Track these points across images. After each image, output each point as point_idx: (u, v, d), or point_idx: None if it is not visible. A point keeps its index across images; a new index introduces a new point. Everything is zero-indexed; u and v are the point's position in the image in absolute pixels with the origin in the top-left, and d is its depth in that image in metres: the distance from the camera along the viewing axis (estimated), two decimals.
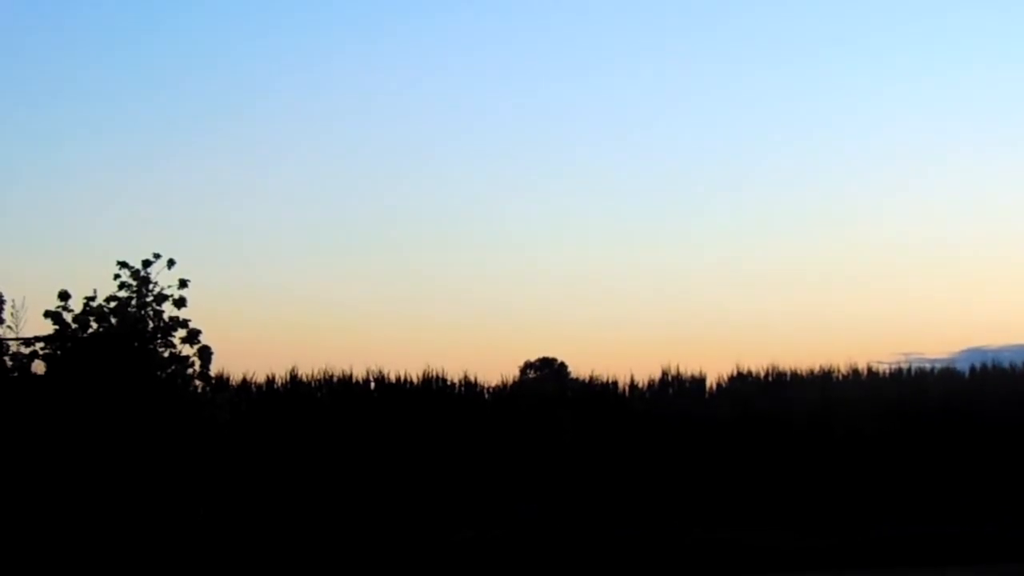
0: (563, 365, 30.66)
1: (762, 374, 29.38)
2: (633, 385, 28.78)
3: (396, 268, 45.04)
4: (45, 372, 19.66)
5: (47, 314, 19.45)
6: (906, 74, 49.07)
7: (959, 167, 48.49)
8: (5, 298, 19.80)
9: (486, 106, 48.78)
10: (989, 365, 29.90)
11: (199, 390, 20.22)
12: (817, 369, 29.60)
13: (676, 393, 28.78)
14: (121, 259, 19.69)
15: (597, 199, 47.76)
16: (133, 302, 19.62)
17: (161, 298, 19.69)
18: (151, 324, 19.64)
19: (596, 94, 49.01)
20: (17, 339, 19.61)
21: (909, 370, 30.29)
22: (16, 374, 19.53)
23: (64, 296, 19.56)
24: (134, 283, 19.65)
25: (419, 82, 48.62)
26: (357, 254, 46.01)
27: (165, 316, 19.74)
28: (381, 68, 48.30)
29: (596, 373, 28.85)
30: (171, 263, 19.70)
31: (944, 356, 34.93)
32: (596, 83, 48.88)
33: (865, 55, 49.52)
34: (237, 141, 47.24)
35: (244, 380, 26.59)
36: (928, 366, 30.75)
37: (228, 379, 25.47)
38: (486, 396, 28.03)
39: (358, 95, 48.11)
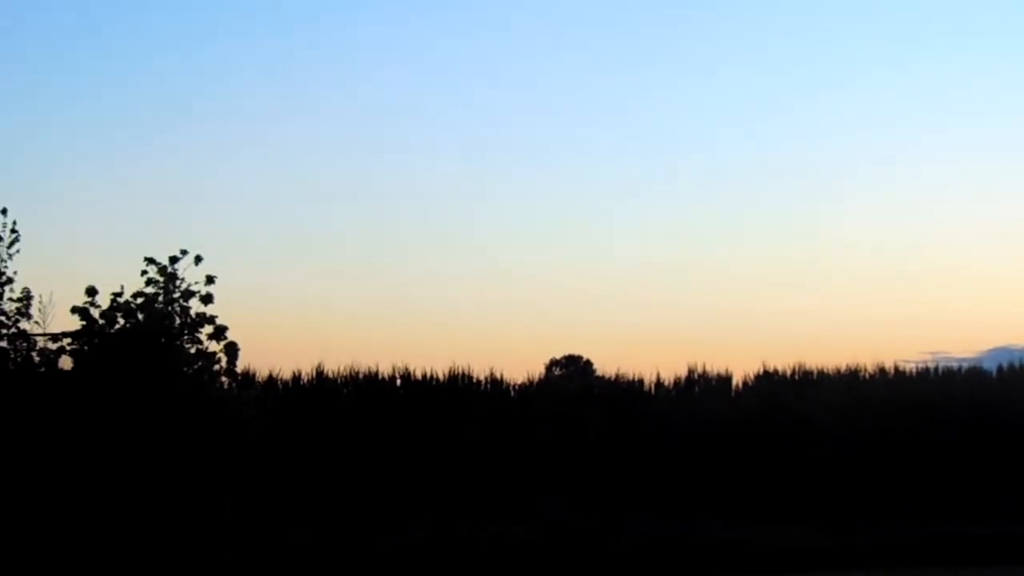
0: (589, 363, 30.64)
1: (789, 373, 29.32)
2: (659, 383, 28.76)
3: (423, 266, 45.06)
4: (72, 368, 19.72)
5: (74, 310, 19.50)
6: (934, 61, 48.92)
7: (986, 164, 48.31)
8: (32, 294, 19.89)
9: (507, 103, 48.79)
10: (1017, 364, 29.80)
11: (225, 387, 20.26)
12: (844, 368, 29.55)
13: (702, 391, 28.74)
14: (148, 255, 19.76)
15: (624, 198, 47.72)
16: (160, 298, 19.66)
17: (188, 294, 19.73)
18: (178, 320, 19.69)
19: (619, 92, 49.00)
20: (44, 335, 19.68)
21: (936, 369, 30.22)
22: (43, 369, 19.59)
23: (91, 292, 19.62)
24: (161, 279, 19.70)
25: (441, 77, 48.65)
26: (385, 252, 46.06)
27: (192, 312, 19.78)
28: (408, 62, 48.36)
29: (622, 371, 28.87)
30: (198, 259, 19.74)
31: (971, 355, 34.81)
32: (619, 80, 48.88)
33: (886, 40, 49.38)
34: (265, 138, 47.35)
35: (270, 377, 26.66)
36: (955, 365, 30.69)
37: (254, 376, 25.53)
38: (512, 393, 28.03)
39: (385, 91, 48.17)
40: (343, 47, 48.29)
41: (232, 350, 19.86)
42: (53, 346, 19.70)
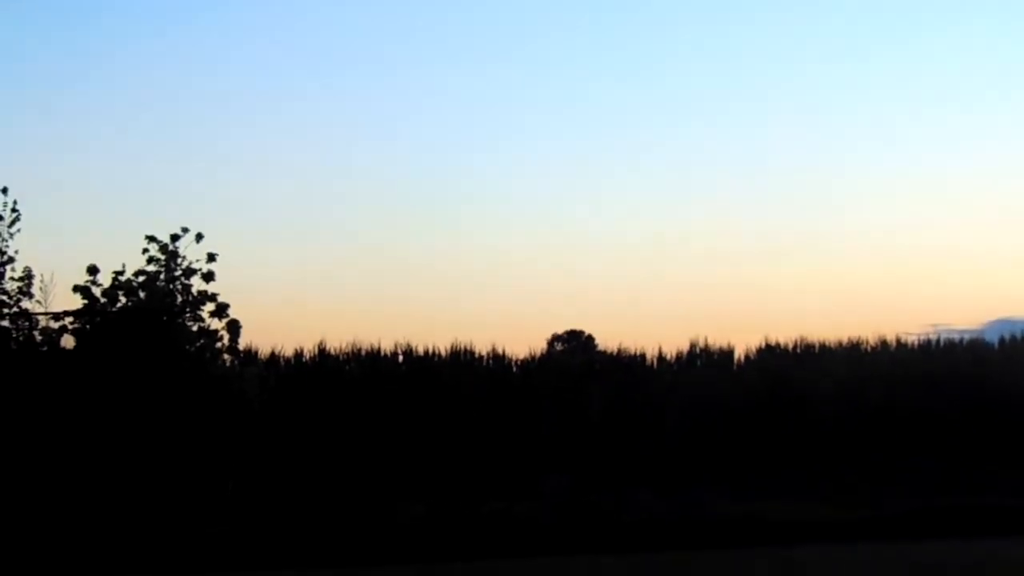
0: (591, 338, 30.61)
1: (791, 346, 29.33)
2: (661, 358, 28.77)
3: (424, 241, 44.99)
4: (74, 346, 19.76)
5: (76, 288, 19.54)
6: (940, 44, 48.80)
7: (988, 135, 48.19)
8: (34, 273, 19.90)
9: (505, 75, 48.68)
10: (1019, 336, 29.81)
11: (228, 364, 20.31)
12: (846, 341, 29.56)
13: (704, 366, 28.75)
14: (150, 233, 19.78)
15: (624, 172, 47.61)
16: (161, 276, 19.71)
17: (189, 272, 19.77)
18: (179, 298, 19.73)
19: (616, 64, 48.88)
20: (46, 314, 19.72)
21: (938, 341, 30.22)
22: (45, 348, 19.63)
23: (93, 271, 19.65)
24: (162, 257, 19.74)
25: (437, 51, 48.54)
26: (386, 228, 45.97)
27: (193, 290, 19.83)
28: (400, 40, 48.28)
29: (624, 346, 28.88)
30: (199, 237, 19.76)
31: (973, 327, 34.79)
32: (619, 53, 48.74)
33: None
34: (266, 116, 47.26)
35: (272, 354, 26.68)
36: (957, 337, 30.68)
37: (256, 353, 25.55)
38: (514, 369, 28.05)
39: (383, 68, 48.07)
40: (340, 25, 48.17)
41: (234, 328, 19.90)
42: (55, 325, 19.75)
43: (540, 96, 48.67)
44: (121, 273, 19.71)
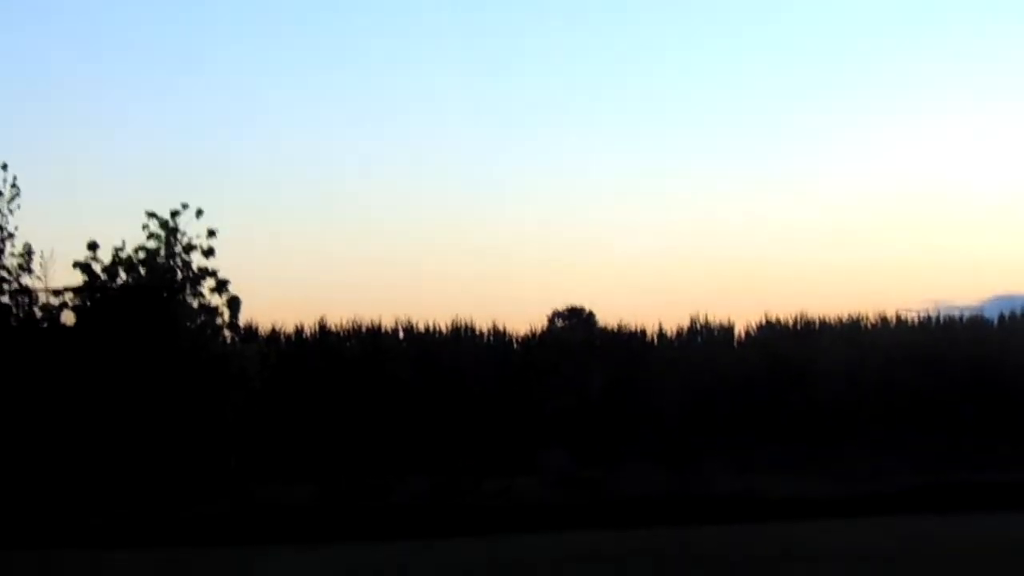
0: (591, 314, 30.63)
1: (790, 323, 29.37)
2: (661, 334, 28.83)
3: (424, 218, 44.97)
4: (75, 323, 19.78)
5: (76, 265, 19.57)
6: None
7: (988, 111, 48.12)
8: (34, 249, 19.92)
9: (507, 50, 48.61)
10: (1018, 313, 29.83)
11: (228, 341, 20.34)
12: (846, 318, 29.60)
13: (704, 342, 28.81)
14: (150, 209, 19.80)
15: (626, 148, 47.54)
16: (162, 252, 19.73)
17: (189, 248, 19.80)
18: (180, 274, 19.75)
19: (621, 44, 48.80)
20: (46, 290, 19.75)
21: (938, 318, 30.25)
22: (46, 324, 19.66)
23: (93, 247, 19.68)
24: (163, 233, 19.76)
25: (439, 27, 48.45)
26: (386, 205, 45.94)
27: (194, 266, 19.86)
28: (404, 12, 48.19)
29: (624, 322, 28.92)
30: (199, 213, 19.79)
31: (973, 304, 34.83)
32: (620, 29, 48.65)
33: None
34: (266, 91, 47.21)
35: (273, 331, 26.72)
36: (957, 314, 30.72)
37: (257, 330, 25.58)
38: (514, 346, 28.11)
39: (384, 41, 48.01)
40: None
41: (234, 304, 19.93)
42: (55, 301, 19.78)
43: (537, 72, 48.58)
44: (121, 249, 19.74)
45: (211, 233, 19.75)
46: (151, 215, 19.75)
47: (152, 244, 19.78)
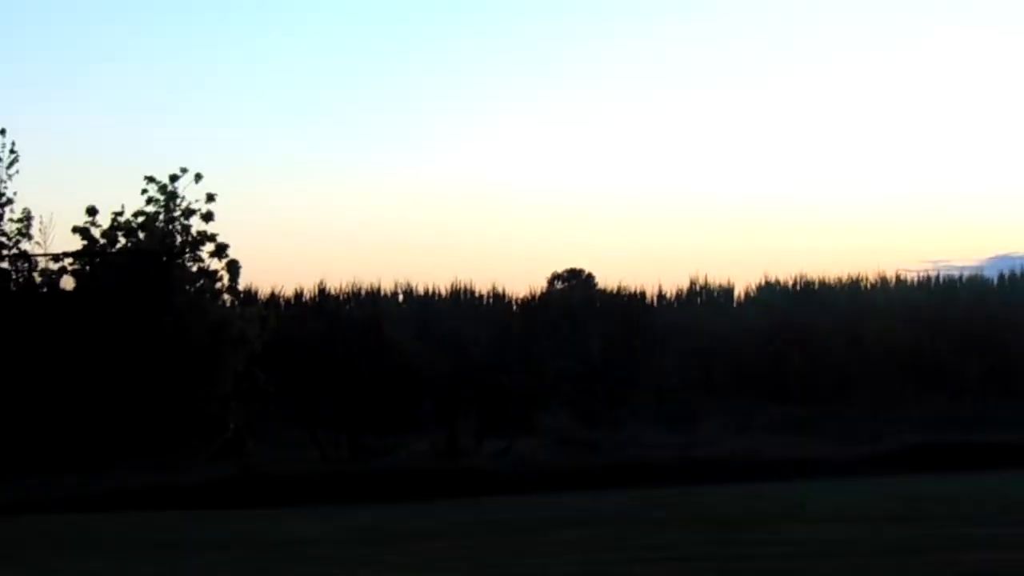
0: (590, 276, 30.64)
1: (790, 283, 29.37)
2: (661, 295, 28.87)
3: (425, 180, 44.93)
4: (74, 288, 19.79)
5: (75, 230, 19.55)
6: None
7: (989, 72, 48.03)
8: (33, 214, 19.91)
9: (511, 18, 48.45)
10: (1018, 272, 29.85)
11: (228, 304, 20.34)
12: (846, 278, 29.61)
13: (704, 303, 28.83)
14: (149, 174, 19.76)
15: (624, 112, 47.47)
16: (161, 217, 19.72)
17: (189, 213, 19.78)
18: (179, 239, 19.75)
19: (629, 11, 48.66)
20: (46, 255, 19.74)
21: (938, 278, 30.29)
22: (45, 290, 19.66)
23: (92, 212, 19.66)
24: (162, 198, 19.74)
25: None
26: (385, 166, 45.89)
27: (193, 231, 19.84)
28: None
29: (624, 284, 28.92)
30: (198, 177, 19.76)
31: (972, 263, 34.82)
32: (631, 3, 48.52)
33: None
34: (265, 55, 47.09)
35: (272, 294, 26.74)
36: (957, 274, 30.74)
37: (256, 293, 25.59)
38: (514, 307, 28.11)
39: (382, 5, 47.88)
40: None
41: (234, 268, 19.93)
42: (54, 266, 19.79)
43: (539, 38, 48.47)
44: (120, 214, 19.73)
45: (210, 197, 19.73)
46: (150, 180, 19.73)
47: (151, 209, 19.77)
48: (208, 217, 19.84)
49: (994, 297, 29.11)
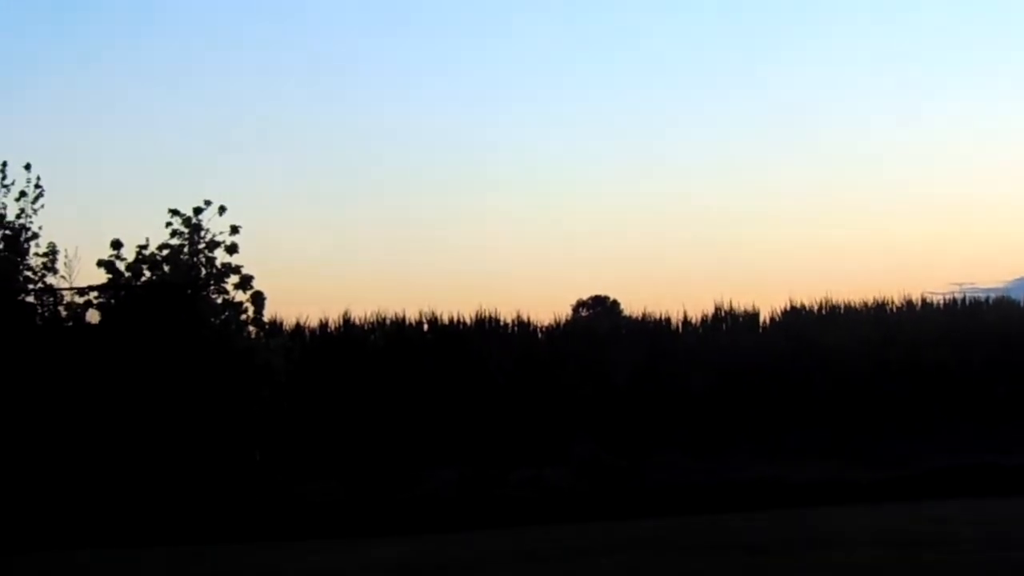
0: (615, 303, 30.66)
1: (816, 308, 29.27)
2: (686, 321, 28.75)
3: (449, 209, 45.07)
4: (99, 321, 19.81)
5: (100, 263, 19.58)
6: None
7: (1011, 91, 47.96)
8: (58, 248, 19.95)
9: (532, 37, 48.57)
10: None
11: (253, 336, 20.33)
12: (871, 302, 29.52)
13: (729, 328, 28.72)
14: (173, 207, 19.79)
15: (649, 135, 47.54)
16: (185, 249, 19.73)
17: (213, 245, 19.78)
18: (203, 271, 19.75)
19: (644, 33, 48.75)
20: (71, 289, 19.77)
21: (963, 300, 30.17)
22: (70, 323, 19.68)
23: (117, 245, 19.68)
24: (186, 230, 19.75)
25: (462, 11, 48.45)
26: (409, 196, 46.05)
27: (217, 263, 19.84)
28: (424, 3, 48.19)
29: (649, 310, 28.85)
30: (222, 210, 19.77)
31: (998, 285, 34.70)
32: (647, 18, 48.60)
33: None
34: (289, 87, 47.29)
35: (298, 325, 26.73)
36: (982, 296, 30.63)
37: (282, 325, 25.55)
38: (539, 336, 28.06)
39: (402, 33, 48.03)
40: None
41: (258, 299, 19.92)
42: (80, 300, 19.80)
43: (562, 60, 48.54)
44: (145, 247, 19.74)
45: (234, 229, 19.74)
46: (174, 212, 19.75)
47: (175, 241, 19.78)
48: (232, 249, 19.84)
49: (1020, 318, 28.98)
